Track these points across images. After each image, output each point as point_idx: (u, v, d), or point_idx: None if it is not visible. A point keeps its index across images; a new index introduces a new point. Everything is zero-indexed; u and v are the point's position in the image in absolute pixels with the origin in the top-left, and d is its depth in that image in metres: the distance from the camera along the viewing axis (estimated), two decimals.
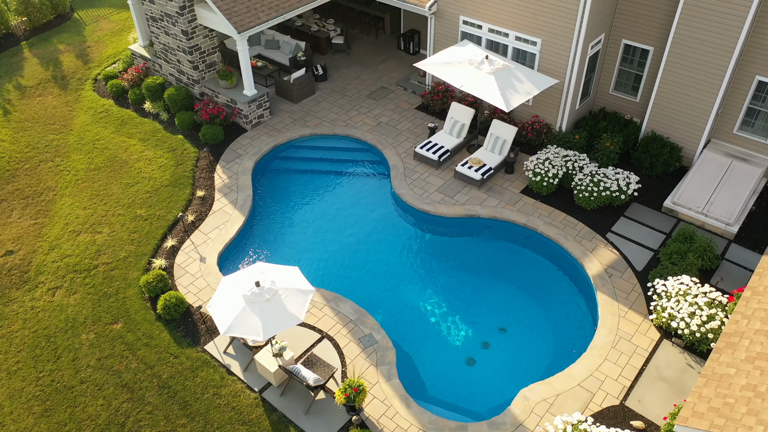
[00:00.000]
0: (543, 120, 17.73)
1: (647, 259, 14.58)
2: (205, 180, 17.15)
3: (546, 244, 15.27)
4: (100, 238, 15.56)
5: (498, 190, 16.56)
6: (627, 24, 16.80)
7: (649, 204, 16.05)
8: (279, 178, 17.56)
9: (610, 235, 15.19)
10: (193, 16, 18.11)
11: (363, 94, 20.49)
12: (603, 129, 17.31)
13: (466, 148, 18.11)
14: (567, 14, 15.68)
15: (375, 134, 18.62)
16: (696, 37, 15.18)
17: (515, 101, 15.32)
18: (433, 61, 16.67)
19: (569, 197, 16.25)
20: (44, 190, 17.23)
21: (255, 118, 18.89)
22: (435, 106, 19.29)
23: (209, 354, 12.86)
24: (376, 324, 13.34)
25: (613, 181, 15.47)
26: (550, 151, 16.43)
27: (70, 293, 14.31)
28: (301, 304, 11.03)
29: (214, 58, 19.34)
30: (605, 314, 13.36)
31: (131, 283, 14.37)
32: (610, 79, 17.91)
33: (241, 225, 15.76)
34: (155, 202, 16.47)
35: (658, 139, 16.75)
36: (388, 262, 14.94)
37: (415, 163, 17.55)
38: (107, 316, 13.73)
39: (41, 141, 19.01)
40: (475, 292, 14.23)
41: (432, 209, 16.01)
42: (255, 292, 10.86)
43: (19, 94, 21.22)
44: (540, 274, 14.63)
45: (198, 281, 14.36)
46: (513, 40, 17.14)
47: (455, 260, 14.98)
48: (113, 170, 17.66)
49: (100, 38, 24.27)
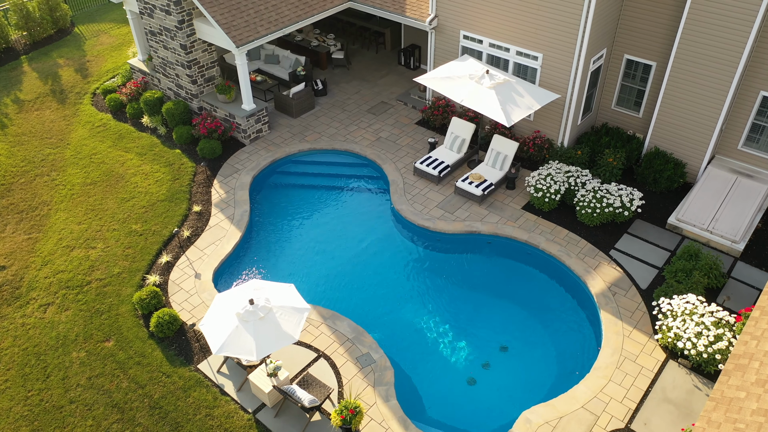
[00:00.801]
0: (544, 135, 17.52)
1: (652, 276, 14.27)
2: (202, 195, 16.92)
3: (548, 261, 14.97)
4: (94, 254, 15.29)
5: (499, 206, 16.30)
6: (629, 39, 16.64)
7: (653, 221, 15.77)
8: (277, 193, 17.33)
9: (613, 253, 14.89)
10: (191, 30, 18.01)
11: (363, 109, 20.32)
12: (605, 144, 17.08)
13: (466, 163, 17.88)
14: (568, 29, 15.53)
15: (374, 149, 18.42)
16: (699, 52, 15.01)
17: (516, 116, 15.12)
18: (433, 75, 16.50)
19: (571, 213, 15.98)
20: (39, 205, 17.00)
21: (253, 133, 18.71)
22: (435, 121, 19.09)
23: (202, 373, 12.53)
24: (374, 343, 13.01)
25: (616, 197, 15.20)
26: (552, 166, 16.19)
27: (61, 310, 14.01)
28: (296, 323, 10.72)
29: (213, 72, 19.21)
30: (609, 333, 13.03)
31: (124, 300, 14.07)
32: (612, 94, 17.72)
33: (237, 241, 15.49)
34: (151, 217, 16.22)
35: (662, 155, 16.51)
36: (386, 279, 14.64)
37: (415, 179, 17.32)
38: (99, 334, 13.42)
39: (38, 155, 18.82)
40: (476, 310, 13.91)
41: (432, 225, 15.74)
42: (249, 310, 10.56)
43: (17, 107, 21.08)
44: (542, 292, 14.31)
45: (192, 298, 14.06)
46: (514, 55, 16.98)
47: (455, 277, 14.68)
48: (109, 185, 17.44)
49: (100, 53, 24.21)
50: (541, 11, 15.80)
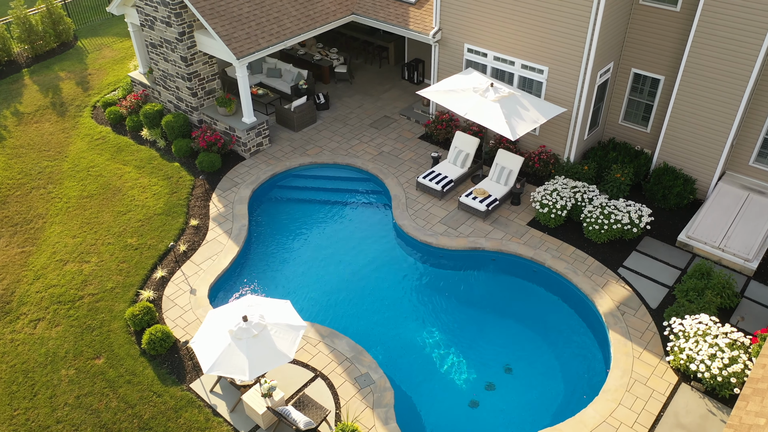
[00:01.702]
0: (550, 150, 17.14)
1: (662, 296, 13.77)
2: (199, 209, 16.56)
3: (554, 279, 14.50)
4: (88, 268, 14.90)
5: (504, 222, 15.88)
6: (636, 53, 16.32)
7: (663, 238, 15.31)
8: (276, 207, 16.96)
9: (621, 270, 14.42)
10: (192, 42, 17.79)
11: (365, 123, 20.02)
12: (613, 160, 16.69)
13: (470, 178, 17.50)
14: (575, 42, 15.23)
15: (377, 164, 18.06)
16: (709, 65, 14.66)
17: (521, 130, 14.76)
18: (437, 88, 16.19)
19: (578, 230, 15.54)
20: (34, 218, 16.67)
21: (254, 146, 18.40)
22: (439, 136, 18.75)
23: (194, 393, 12.05)
24: (374, 362, 12.52)
25: (625, 214, 14.76)
26: (558, 181, 15.79)
27: (52, 326, 13.59)
28: (292, 341, 10.28)
29: (214, 85, 18.96)
30: (618, 355, 12.51)
31: (116, 316, 13.65)
32: (619, 109, 17.36)
33: (234, 256, 15.09)
34: (147, 231, 15.86)
35: (671, 171, 16.09)
36: (387, 296, 14.19)
37: (418, 194, 16.93)
38: (89, 351, 12.98)
39: (35, 167, 18.54)
40: (480, 329, 13.43)
41: (434, 241, 15.31)
42: (242, 327, 10.13)
43: (16, 120, 20.87)
44: (548, 310, 13.83)
45: (187, 314, 13.63)
46: (519, 68, 16.67)
47: (458, 295, 14.22)
48: (106, 198, 17.11)
49: (102, 66, 24.06)
50: (547, 24, 15.52)
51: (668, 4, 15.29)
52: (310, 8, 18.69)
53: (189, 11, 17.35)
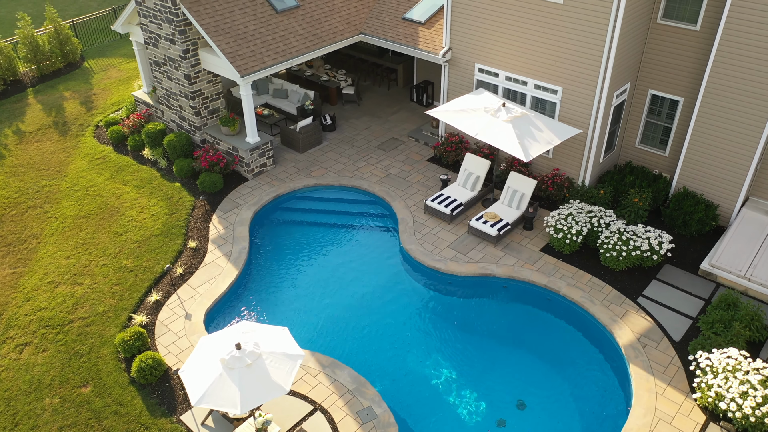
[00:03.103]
0: (564, 173, 16.47)
1: (685, 327, 12.92)
2: (199, 230, 15.95)
3: (570, 308, 13.69)
4: (80, 290, 14.25)
5: (516, 248, 15.14)
6: (654, 73, 15.74)
7: (684, 266, 14.50)
8: (279, 230, 16.32)
9: (641, 300, 13.60)
10: (196, 60, 17.40)
11: (372, 144, 19.47)
12: (630, 184, 15.98)
13: (480, 202, 16.82)
14: (590, 61, 14.67)
15: (383, 186, 17.44)
16: (731, 85, 14.03)
17: (535, 151, 14.11)
18: (447, 108, 15.63)
19: (594, 257, 14.77)
20: (28, 238, 16.10)
21: (257, 167, 17.85)
22: (448, 158, 18.14)
23: (185, 425, 11.25)
24: (377, 395, 11.70)
25: (644, 240, 14.00)
26: (572, 206, 15.07)
27: (39, 351, 12.89)
28: (288, 372, 9.52)
29: (218, 104, 18.51)
30: (640, 391, 11.63)
31: (107, 341, 12.94)
32: (636, 131, 16.71)
33: (233, 279, 14.41)
34: (143, 253, 15.23)
35: (691, 196, 15.36)
36: (392, 324, 13.42)
37: (426, 217, 16.26)
38: (76, 378, 12.25)
39: (32, 186, 18.05)
40: (491, 361, 12.60)
41: (443, 267, 14.58)
42: (235, 355, 9.40)
43: (17, 139, 20.49)
44: (563, 342, 12.99)
45: (181, 341, 12.91)
46: (532, 89, 16.11)
47: (468, 324, 13.42)
48: (103, 218, 16.54)
49: (107, 86, 23.77)
50: (561, 43, 14.99)
51: (688, 23, 14.74)
52: (318, 27, 18.31)
53: (193, 28, 16.99)
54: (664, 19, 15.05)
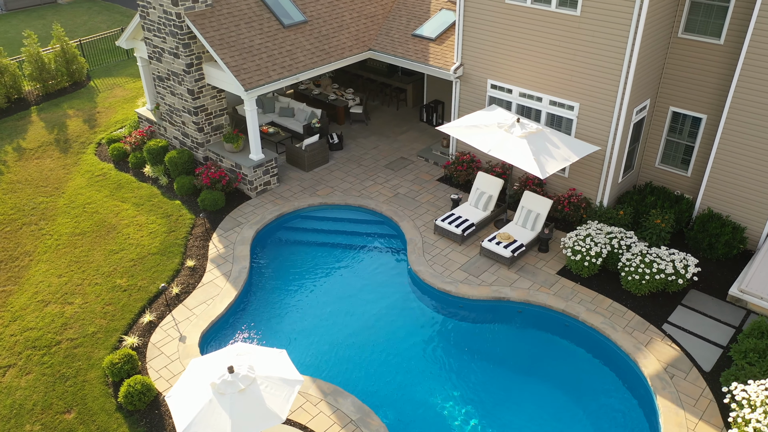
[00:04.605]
0: (581, 194, 15.70)
1: (716, 357, 11.99)
2: (198, 249, 15.24)
3: (589, 335, 12.80)
4: (70, 310, 13.51)
5: (531, 270, 14.31)
6: (675, 90, 15.07)
7: (711, 291, 13.61)
8: (281, 250, 15.58)
9: (666, 327, 12.70)
10: (200, 74, 16.92)
11: (380, 164, 18.83)
12: (651, 204, 15.18)
13: (493, 222, 16.05)
14: (609, 75, 14.03)
15: (391, 206, 16.73)
16: (758, 102, 13.33)
17: (551, 168, 13.39)
18: (458, 124, 14.99)
19: (614, 280, 13.91)
20: (20, 255, 15.44)
21: (260, 185, 17.20)
22: (459, 177, 17.44)
23: None
24: (382, 426, 10.80)
25: (668, 263, 13.14)
26: (591, 227, 14.28)
27: (23, 373, 12.10)
28: (285, 398, 8.68)
29: (222, 120, 17.98)
30: (669, 425, 10.67)
31: (94, 364, 12.15)
32: (656, 150, 15.99)
33: (232, 300, 13.64)
34: (138, 272, 14.52)
35: (717, 218, 14.54)
36: (399, 350, 12.56)
37: (436, 238, 15.49)
38: (60, 404, 11.42)
39: (29, 203, 17.47)
40: (504, 391, 11.68)
41: (454, 289, 13.76)
42: (227, 380, 8.58)
43: (17, 155, 20.01)
44: (583, 371, 12.07)
45: (173, 365, 12.09)
46: (547, 105, 15.46)
47: (480, 351, 12.54)
48: (99, 236, 15.88)
49: (112, 104, 23.38)
50: (578, 56, 14.39)
51: (711, 37, 14.12)
52: (326, 43, 17.84)
53: (198, 42, 16.55)
54: (686, 33, 14.44)
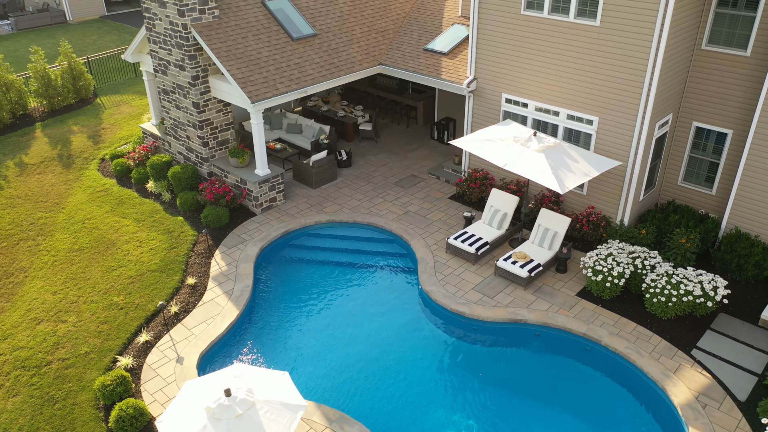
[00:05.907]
0: (600, 212, 15.01)
1: (750, 385, 11.14)
2: (199, 266, 14.60)
3: (612, 360, 11.99)
4: (63, 329, 12.85)
5: (549, 291, 13.56)
6: (699, 104, 14.46)
7: (741, 315, 12.81)
8: (287, 268, 14.92)
9: (696, 353, 11.88)
10: (206, 87, 16.48)
11: (390, 181, 18.23)
12: (675, 223, 14.46)
13: (508, 241, 15.35)
14: (631, 88, 13.45)
15: (402, 223, 16.08)
16: None
17: (571, 183, 12.73)
18: (472, 138, 14.40)
19: (638, 303, 13.14)
20: (15, 271, 14.85)
21: (266, 201, 16.62)
22: (472, 195, 16.79)
23: None
24: None
25: (696, 285, 12.37)
26: (612, 246, 13.55)
27: (10, 395, 11.40)
28: (286, 425, 7.94)
29: (227, 135, 17.49)
30: None
31: (85, 386, 11.43)
32: (678, 168, 15.32)
33: (233, 320, 12.95)
34: (137, 289, 13.87)
35: (745, 238, 13.79)
36: (410, 375, 11.79)
37: (448, 257, 14.79)
38: (47, 428, 10.69)
39: (27, 218, 16.94)
40: (521, 419, 10.86)
41: (467, 311, 13.01)
42: (223, 404, 7.86)
43: (18, 170, 19.56)
44: (607, 399, 11.24)
45: (169, 387, 11.36)
46: (564, 119, 14.87)
47: (496, 376, 11.75)
48: (97, 252, 15.29)
49: (117, 121, 23.01)
50: (597, 68, 13.83)
51: (737, 49, 13.54)
52: (335, 56, 17.41)
53: (204, 54, 16.14)
54: (710, 45, 13.88)
